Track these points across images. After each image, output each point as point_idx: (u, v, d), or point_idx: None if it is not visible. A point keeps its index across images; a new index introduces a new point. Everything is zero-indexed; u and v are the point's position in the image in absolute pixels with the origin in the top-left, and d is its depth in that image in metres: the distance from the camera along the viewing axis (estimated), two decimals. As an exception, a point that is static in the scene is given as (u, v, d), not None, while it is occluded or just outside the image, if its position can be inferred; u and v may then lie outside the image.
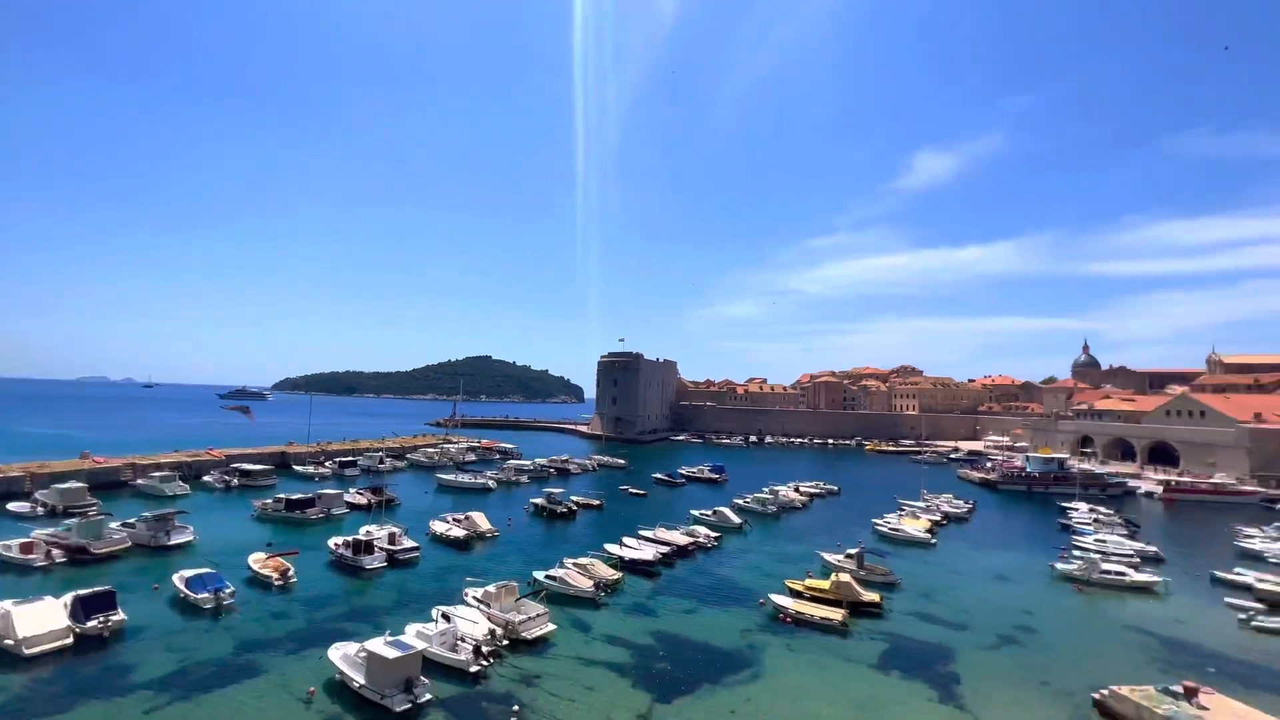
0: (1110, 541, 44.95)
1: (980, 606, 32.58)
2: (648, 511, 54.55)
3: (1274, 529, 50.61)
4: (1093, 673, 23.88)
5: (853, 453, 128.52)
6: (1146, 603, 34.22)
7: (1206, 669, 24.89)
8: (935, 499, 62.52)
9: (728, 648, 26.20)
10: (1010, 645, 27.70)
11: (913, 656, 25.92)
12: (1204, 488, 72.34)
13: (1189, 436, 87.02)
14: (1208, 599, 34.87)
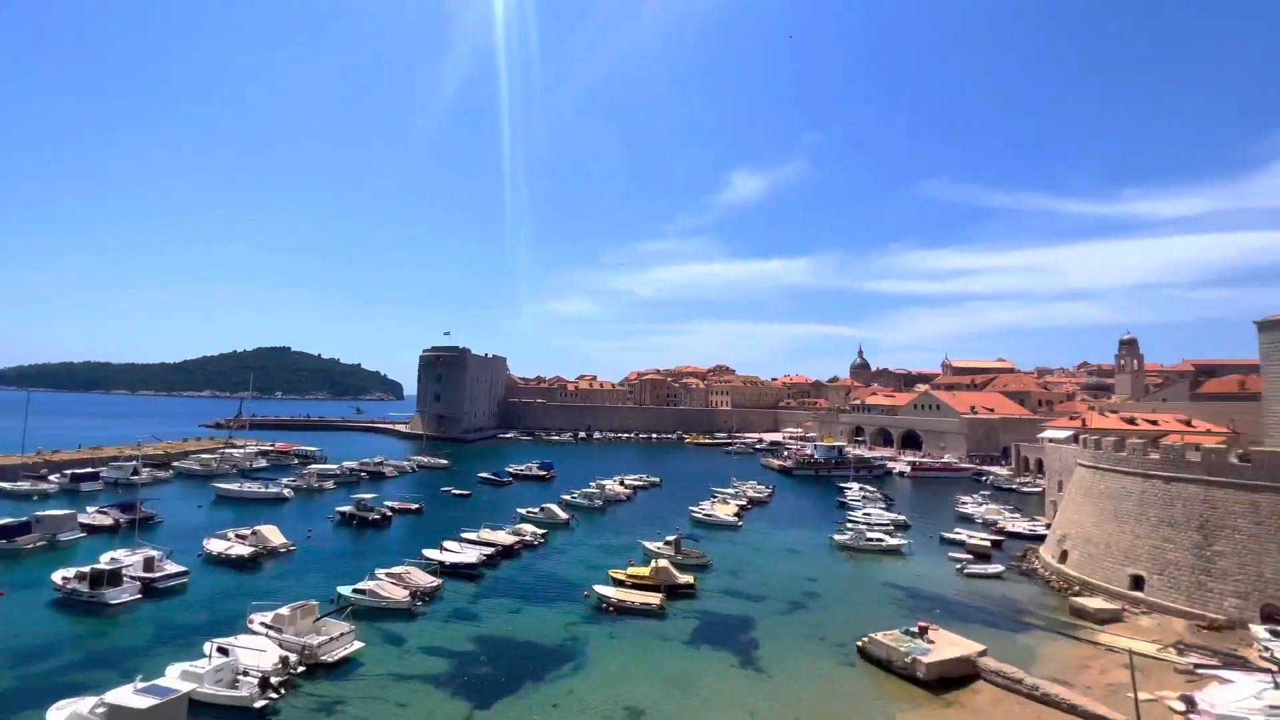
0: (873, 514, 53.91)
1: (776, 578, 36.91)
2: (472, 513, 52.45)
3: (979, 496, 64.96)
4: (858, 624, 28.39)
5: (674, 446, 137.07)
6: (896, 562, 41.69)
7: (935, 610, 31.06)
8: (743, 485, 69.37)
9: (552, 643, 26.29)
10: (798, 609, 31.85)
11: (720, 629, 28.50)
12: (937, 466, 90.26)
13: (928, 425, 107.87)
14: (937, 555, 43.56)
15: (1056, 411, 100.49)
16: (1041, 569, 38.17)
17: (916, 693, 22.24)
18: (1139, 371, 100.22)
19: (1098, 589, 32.55)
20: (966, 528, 50.51)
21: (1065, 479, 48.60)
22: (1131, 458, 34.01)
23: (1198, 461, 30.88)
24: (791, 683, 23.04)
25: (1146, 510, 32.14)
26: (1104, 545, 33.90)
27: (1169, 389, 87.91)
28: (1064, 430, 70.86)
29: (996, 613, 31.45)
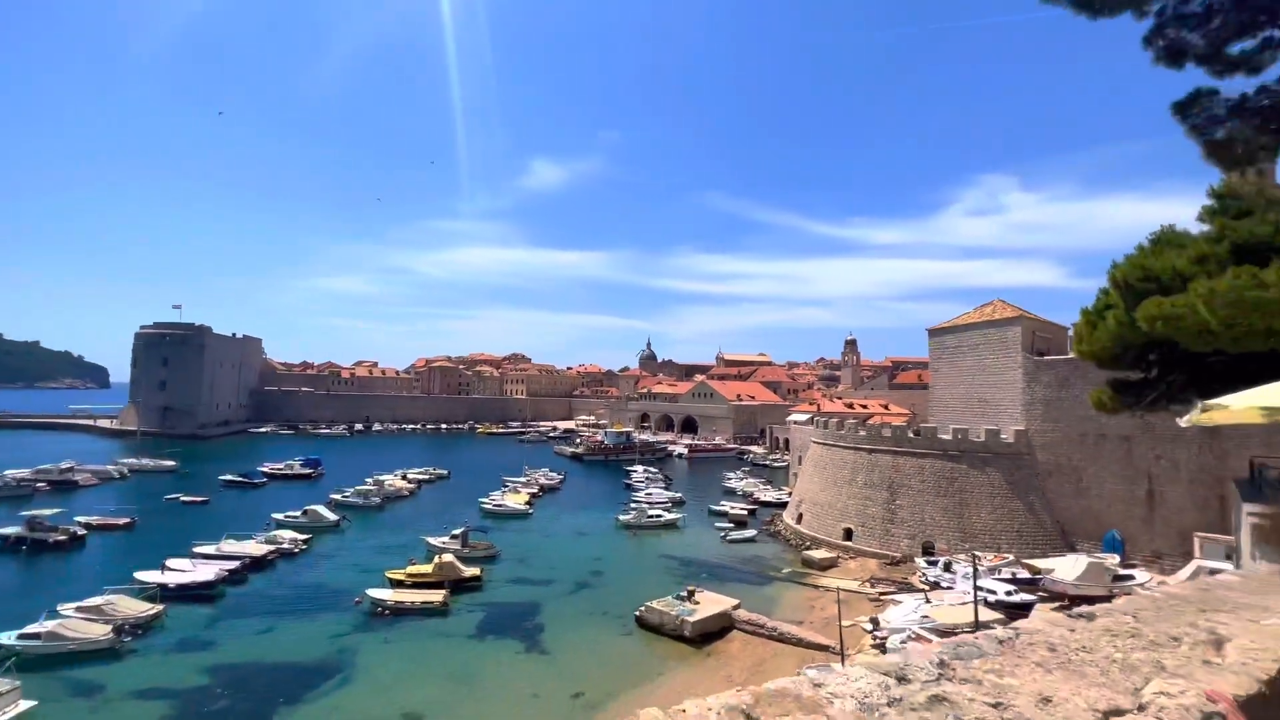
0: (654, 493, 58.47)
1: (564, 561, 37.90)
2: (210, 522, 43.89)
3: (741, 472, 74.70)
4: (637, 595, 30.60)
5: (466, 436, 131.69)
6: (673, 535, 45.88)
7: (702, 575, 34.94)
8: (535, 473, 69.62)
9: (313, 659, 23.43)
10: (583, 589, 33.16)
11: (506, 618, 28.33)
12: (709, 447, 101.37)
13: (704, 411, 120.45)
14: (706, 526, 49.00)
15: (800, 398, 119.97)
16: (783, 530, 45.41)
17: (684, 649, 24.84)
18: (857, 366, 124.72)
19: (822, 542, 39.85)
20: (730, 500, 57.67)
21: (803, 454, 58.35)
22: (847, 435, 42.26)
23: (889, 437, 39.65)
24: (574, 659, 23.95)
25: (855, 476, 40.26)
26: (827, 506, 41.61)
27: (875, 380, 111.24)
28: (804, 414, 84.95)
29: (749, 571, 36.57)
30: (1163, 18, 5.12)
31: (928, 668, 1.31)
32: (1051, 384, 36.40)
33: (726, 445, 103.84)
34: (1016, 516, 34.90)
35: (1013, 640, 1.60)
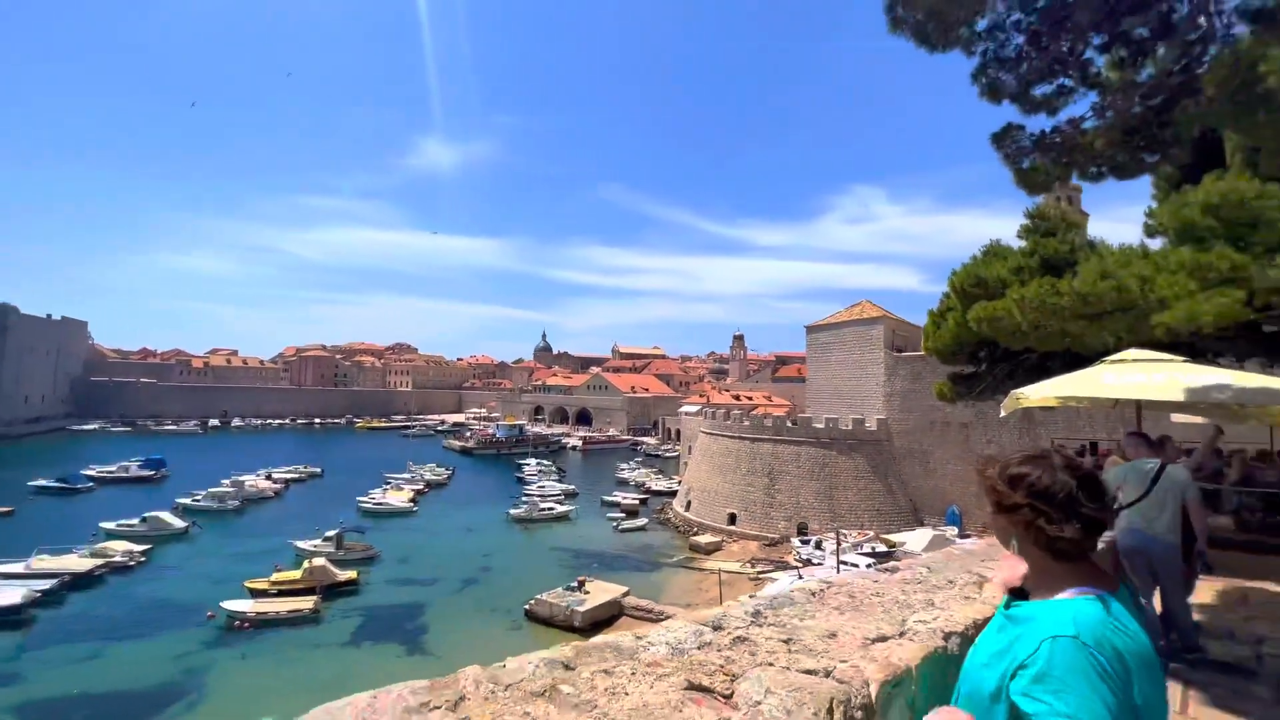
0: (547, 486, 58.01)
1: (451, 559, 36.56)
2: (16, 536, 37.26)
3: (634, 463, 76.15)
4: (527, 589, 30.27)
5: (343, 431, 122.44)
6: (565, 528, 45.84)
7: (593, 565, 35.27)
8: (420, 469, 66.36)
9: (150, 686, 20.79)
10: (472, 585, 32.24)
11: (386, 622, 26.85)
12: (604, 439, 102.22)
13: (599, 403, 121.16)
14: (598, 516, 49.44)
15: (692, 390, 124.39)
16: (673, 518, 46.99)
17: (573, 639, 24.94)
18: (744, 360, 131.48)
19: (708, 528, 41.73)
20: (623, 490, 58.62)
21: (693, 444, 60.67)
22: (733, 425, 44.51)
23: (770, 426, 42.30)
24: (459, 657, 23.02)
25: (740, 463, 42.54)
26: (713, 493, 43.61)
27: (760, 373, 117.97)
28: (695, 406, 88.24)
29: (640, 558, 37.47)
30: (985, 58, 5.87)
31: (742, 617, 1.47)
32: (907, 377, 40.71)
33: (620, 437, 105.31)
34: (877, 496, 38.73)
35: (822, 592, 1.83)
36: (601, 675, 1.04)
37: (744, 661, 1.17)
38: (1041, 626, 1.15)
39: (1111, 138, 5.71)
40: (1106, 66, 5.97)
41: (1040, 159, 5.92)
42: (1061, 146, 5.81)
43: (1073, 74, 5.74)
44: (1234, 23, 5.77)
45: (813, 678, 1.13)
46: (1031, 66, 5.67)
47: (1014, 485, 1.26)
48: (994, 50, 5.82)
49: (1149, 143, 5.99)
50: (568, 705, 0.92)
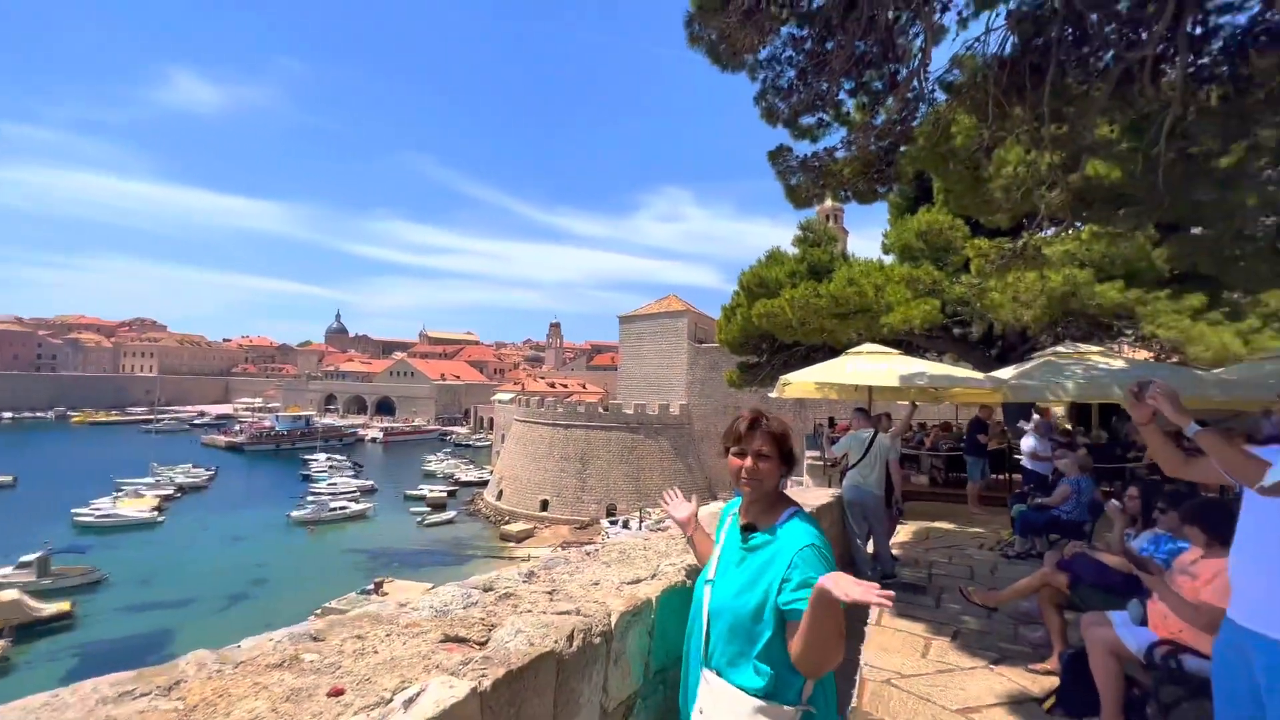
0: (339, 483, 52.33)
1: (211, 574, 31.10)
2: None
3: (443, 454, 72.33)
4: (315, 597, 27.08)
5: (53, 427, 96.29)
6: (362, 527, 41.86)
7: (394, 564, 32.85)
8: (168, 471, 55.15)
9: None
10: (241, 601, 27.85)
11: (112, 658, 21.91)
12: (408, 430, 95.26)
13: (403, 391, 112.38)
14: (401, 513, 46.07)
15: (507, 378, 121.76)
16: (484, 508, 45.74)
17: (368, 646, 23.04)
18: (560, 347, 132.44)
19: (520, 515, 41.46)
20: (430, 483, 55.34)
21: (506, 433, 59.60)
22: (547, 412, 44.71)
23: (583, 413, 43.35)
24: (223, 687, 19.98)
25: (553, 450, 42.94)
26: (526, 481, 43.42)
27: (575, 361, 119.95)
28: (509, 393, 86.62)
29: (447, 553, 35.83)
30: (765, 85, 6.67)
31: (514, 578, 1.55)
32: (706, 367, 44.78)
33: (428, 427, 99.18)
34: (679, 475, 42.08)
35: (597, 551, 1.99)
36: (353, 640, 1.03)
37: (505, 613, 1.25)
38: (789, 545, 1.44)
39: (855, 168, 6.92)
40: (854, 109, 7.23)
41: (804, 178, 6.96)
42: (820, 170, 6.90)
43: (829, 110, 6.84)
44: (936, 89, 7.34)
45: (563, 616, 1.26)
46: (800, 99, 6.62)
47: (781, 440, 1.61)
48: (772, 79, 6.67)
49: (881, 176, 7.38)
50: (309, 671, 0.90)
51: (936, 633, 3.86)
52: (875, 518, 5.14)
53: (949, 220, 10.66)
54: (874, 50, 6.71)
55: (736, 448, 1.62)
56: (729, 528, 1.63)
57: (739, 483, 1.60)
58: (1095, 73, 6.62)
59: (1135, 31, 6.69)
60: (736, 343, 15.05)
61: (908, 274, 10.59)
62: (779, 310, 11.42)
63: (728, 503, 1.77)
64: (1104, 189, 7.85)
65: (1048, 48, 6.50)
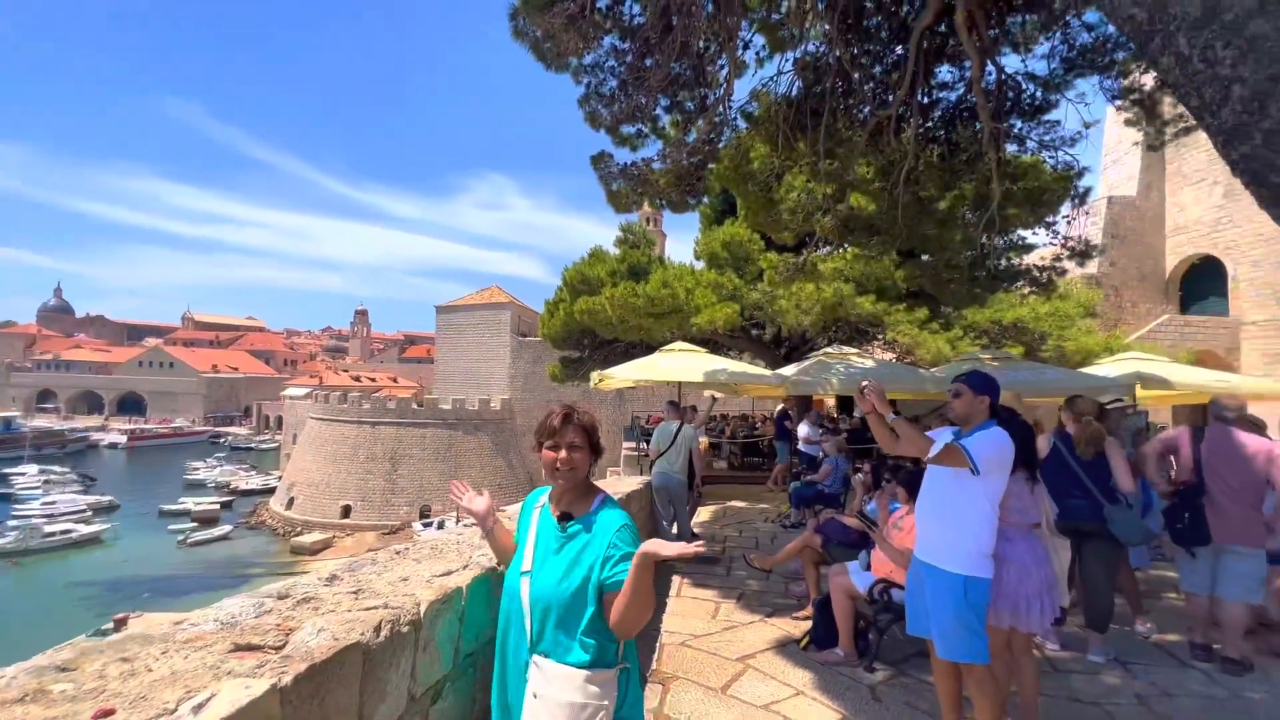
0: (61, 501, 41.63)
1: None
2: None
3: (214, 459, 61.46)
4: (22, 649, 21.28)
5: None
6: (95, 554, 33.85)
7: (144, 595, 27.17)
8: None
9: None
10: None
11: None
12: (165, 432, 79.12)
13: (158, 386, 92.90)
14: (155, 531, 38.19)
15: (300, 370, 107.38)
16: (270, 519, 39.94)
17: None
18: (368, 338, 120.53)
19: (316, 525, 37.02)
20: (195, 495, 46.65)
21: (299, 432, 52.70)
22: (351, 409, 40.51)
23: (394, 409, 40.14)
24: None
25: (358, 450, 39.08)
26: (324, 486, 38.90)
27: (386, 353, 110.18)
28: (304, 388, 76.58)
29: (221, 575, 30.63)
30: (588, 89, 6.89)
31: (313, 583, 1.49)
32: (529, 360, 44.37)
33: (193, 428, 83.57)
34: (500, 472, 41.12)
35: (407, 550, 1.97)
36: (117, 664, 0.93)
37: (305, 616, 1.22)
38: (606, 528, 1.61)
39: (669, 179, 7.48)
40: (669, 124, 7.80)
41: (624, 185, 7.34)
42: (638, 178, 7.33)
43: (648, 123, 7.30)
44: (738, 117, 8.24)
45: (370, 611, 1.27)
46: (621, 108, 6.96)
47: (591, 432, 1.74)
48: (595, 85, 6.92)
49: (692, 189, 8.06)
50: (63, 701, 0.81)
51: (725, 597, 4.44)
52: (679, 500, 5.69)
53: (748, 234, 12.03)
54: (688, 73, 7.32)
55: (550, 441, 1.68)
56: (539, 519, 1.70)
57: (554, 474, 1.68)
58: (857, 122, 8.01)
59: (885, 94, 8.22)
60: (559, 337, 15.24)
61: (714, 280, 11.72)
62: (600, 308, 11.84)
63: (526, 499, 1.82)
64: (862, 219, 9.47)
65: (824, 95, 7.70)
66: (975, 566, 2.33)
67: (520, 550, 1.65)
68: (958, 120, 8.24)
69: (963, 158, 8.28)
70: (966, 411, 2.55)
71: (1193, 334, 21.27)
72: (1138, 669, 3.39)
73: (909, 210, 9.10)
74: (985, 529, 2.35)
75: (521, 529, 1.71)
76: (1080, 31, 7.70)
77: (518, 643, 1.53)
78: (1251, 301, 21.67)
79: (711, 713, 2.81)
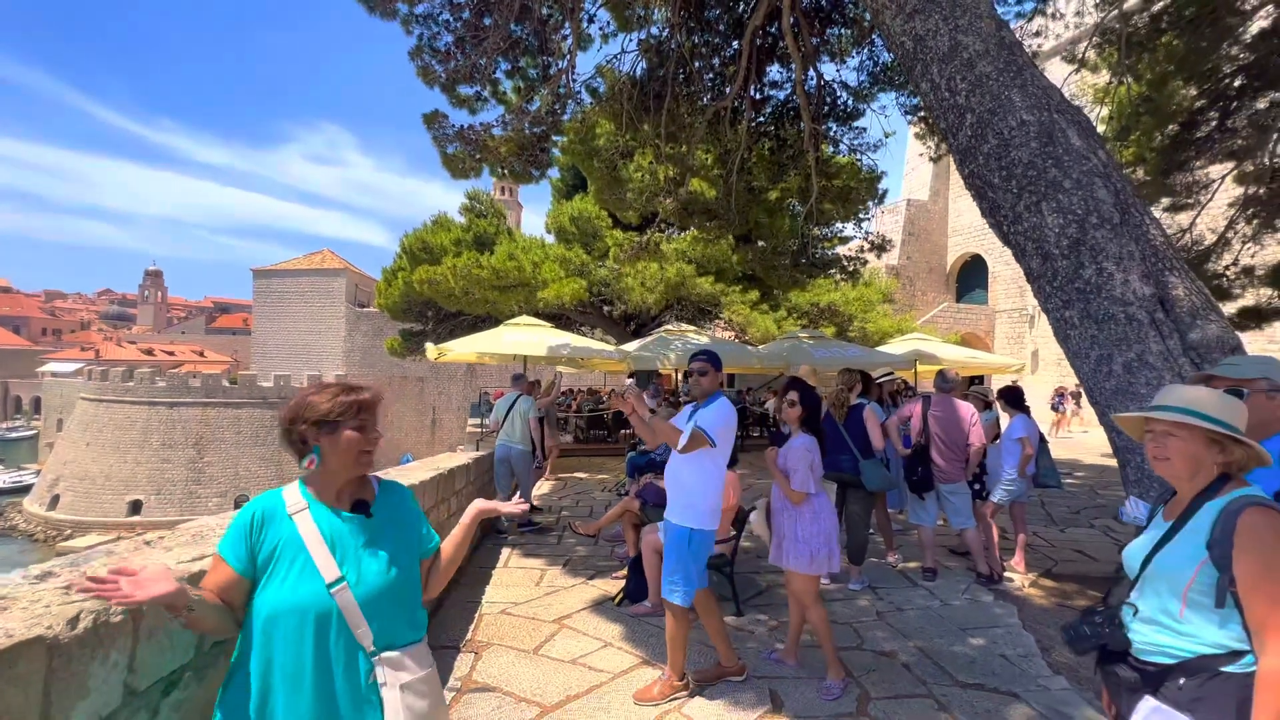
0: None
1: None
2: None
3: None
4: None
5: None
6: None
7: None
8: None
9: None
10: None
11: None
12: None
13: None
14: None
15: (66, 342, 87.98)
16: (24, 523, 32.70)
17: None
18: (163, 303, 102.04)
19: (93, 525, 31.05)
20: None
21: (67, 416, 43.47)
22: (139, 387, 34.25)
23: (198, 387, 34.71)
24: None
25: (150, 436, 33.29)
26: (103, 479, 32.67)
27: (190, 322, 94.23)
28: (73, 363, 63.03)
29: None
30: (421, 41, 6.42)
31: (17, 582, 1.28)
32: (369, 333, 40.87)
33: (-98, 413, 65.08)
34: (333, 455, 37.65)
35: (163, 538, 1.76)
36: None
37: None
38: (403, 498, 1.57)
39: (510, 148, 7.24)
40: (511, 90, 7.53)
41: (461, 149, 6.98)
42: (477, 143, 7.01)
43: (487, 86, 6.98)
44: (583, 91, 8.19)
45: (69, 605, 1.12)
46: (457, 66, 6.57)
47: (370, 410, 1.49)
48: (428, 38, 6.45)
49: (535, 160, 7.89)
50: None
51: (552, 564, 4.56)
52: (521, 470, 5.71)
53: (596, 210, 12.13)
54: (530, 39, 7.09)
55: (356, 421, 1.43)
56: (314, 521, 1.40)
57: (359, 460, 1.44)
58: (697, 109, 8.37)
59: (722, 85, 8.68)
60: (398, 308, 14.24)
61: (562, 254, 11.68)
62: (442, 278, 11.24)
63: (245, 513, 1.39)
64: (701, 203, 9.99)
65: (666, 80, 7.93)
66: (703, 520, 2.71)
67: (289, 566, 1.32)
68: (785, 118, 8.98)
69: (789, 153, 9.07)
70: (711, 387, 2.82)
71: (963, 319, 25.71)
72: (883, 591, 4.13)
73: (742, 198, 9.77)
74: (714, 488, 2.74)
75: (279, 541, 1.35)
76: (882, 50, 8.75)
77: (346, 660, 1.32)
78: (1003, 293, 26.64)
79: (520, 673, 2.90)
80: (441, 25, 6.40)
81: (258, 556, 1.32)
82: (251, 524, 1.35)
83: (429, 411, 41.45)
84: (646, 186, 9.40)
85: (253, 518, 1.36)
